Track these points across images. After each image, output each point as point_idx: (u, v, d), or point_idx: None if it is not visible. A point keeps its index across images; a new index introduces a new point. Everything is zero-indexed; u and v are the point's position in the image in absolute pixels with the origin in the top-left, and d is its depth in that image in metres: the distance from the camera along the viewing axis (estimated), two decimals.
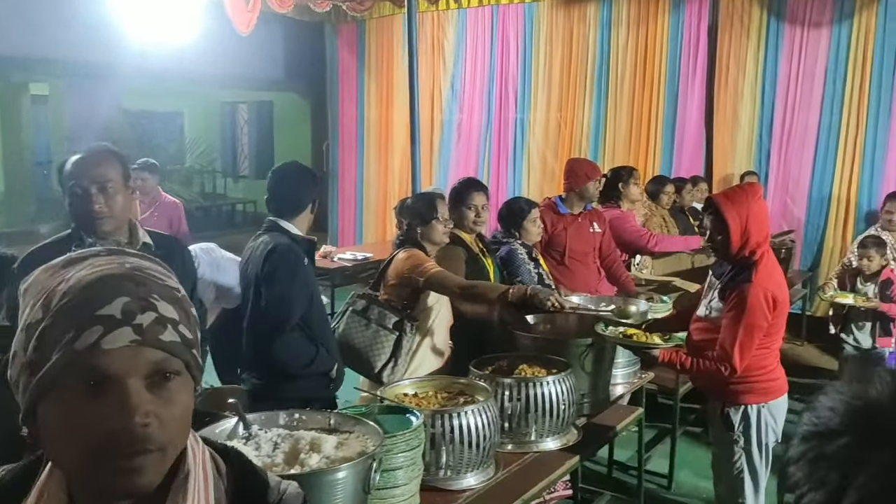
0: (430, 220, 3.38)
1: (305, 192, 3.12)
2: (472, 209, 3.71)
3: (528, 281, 3.94)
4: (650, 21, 7.79)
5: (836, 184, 7.02)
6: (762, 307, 2.89)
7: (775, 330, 3.01)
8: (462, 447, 2.54)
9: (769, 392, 3.08)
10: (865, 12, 6.76)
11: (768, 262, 2.97)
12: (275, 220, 3.04)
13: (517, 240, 4.09)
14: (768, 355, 3.04)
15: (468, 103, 9.00)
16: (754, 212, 2.92)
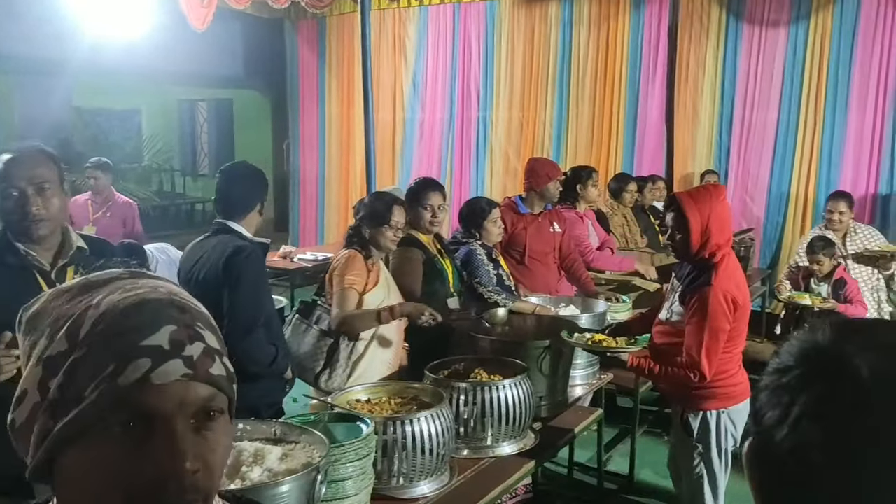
0: (381, 225, 3.30)
1: (255, 193, 3.03)
2: (428, 209, 3.64)
3: (487, 282, 3.89)
4: (611, 20, 7.79)
5: (794, 182, 7.08)
6: (723, 309, 2.84)
7: (737, 333, 2.97)
8: (415, 454, 2.47)
9: (731, 397, 3.03)
10: (822, 12, 6.83)
11: (729, 264, 2.92)
12: (223, 221, 2.92)
13: (477, 240, 4.03)
14: (730, 360, 2.99)
15: (430, 102, 8.92)
16: (717, 212, 2.87)
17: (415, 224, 3.63)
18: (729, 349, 2.95)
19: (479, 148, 8.68)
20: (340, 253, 3.37)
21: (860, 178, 6.83)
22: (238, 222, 2.96)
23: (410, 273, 3.48)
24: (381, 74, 9.14)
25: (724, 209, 2.91)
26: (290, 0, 8.18)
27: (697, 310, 2.88)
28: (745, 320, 2.97)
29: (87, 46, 7.82)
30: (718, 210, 2.87)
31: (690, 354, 2.88)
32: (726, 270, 2.88)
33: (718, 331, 2.85)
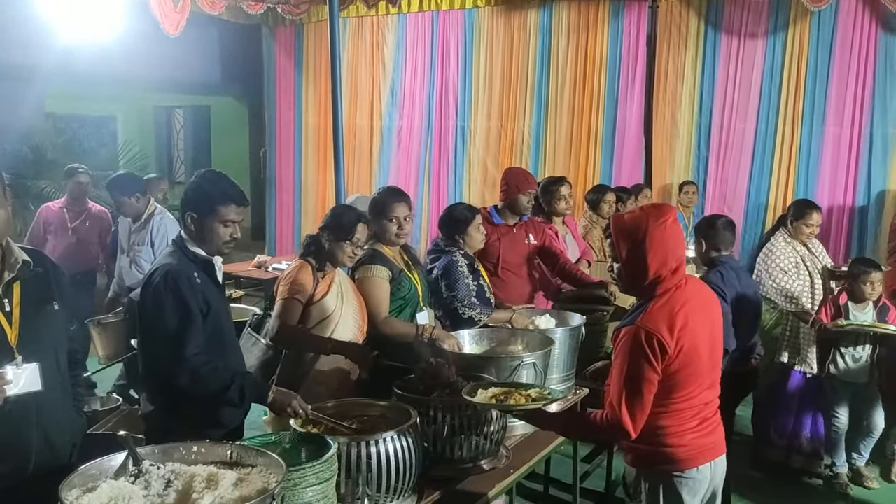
0: (342, 240, 3.18)
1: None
2: (394, 221, 3.48)
3: (464, 296, 3.78)
4: (590, 29, 7.77)
5: (772, 192, 7.08)
6: (644, 353, 2.32)
7: (682, 383, 2.39)
8: (381, 476, 2.37)
9: (676, 460, 2.45)
10: (800, 24, 6.83)
11: (674, 298, 2.40)
12: (183, 235, 2.71)
13: (459, 249, 3.92)
14: (675, 415, 2.42)
15: (408, 109, 8.85)
16: (656, 238, 2.39)
17: (380, 236, 3.49)
18: (674, 401, 2.41)
19: (458, 157, 8.62)
20: (293, 262, 3.27)
21: (837, 189, 6.84)
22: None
23: (378, 294, 3.37)
24: (359, 82, 9.07)
25: (664, 234, 2.40)
26: (267, 6, 8.08)
27: (619, 353, 2.41)
28: (697, 366, 2.40)
29: (59, 52, 7.67)
30: (657, 235, 2.39)
31: (611, 405, 2.39)
32: (662, 307, 2.37)
33: (640, 379, 2.33)
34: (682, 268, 2.47)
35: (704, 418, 2.48)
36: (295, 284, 3.12)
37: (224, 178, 2.70)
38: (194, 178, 2.71)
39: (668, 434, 2.43)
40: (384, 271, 3.38)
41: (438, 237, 4.06)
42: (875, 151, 6.65)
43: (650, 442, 2.44)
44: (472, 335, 3.49)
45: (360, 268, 3.40)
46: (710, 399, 2.51)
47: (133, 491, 1.86)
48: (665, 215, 2.43)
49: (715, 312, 2.57)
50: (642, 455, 2.52)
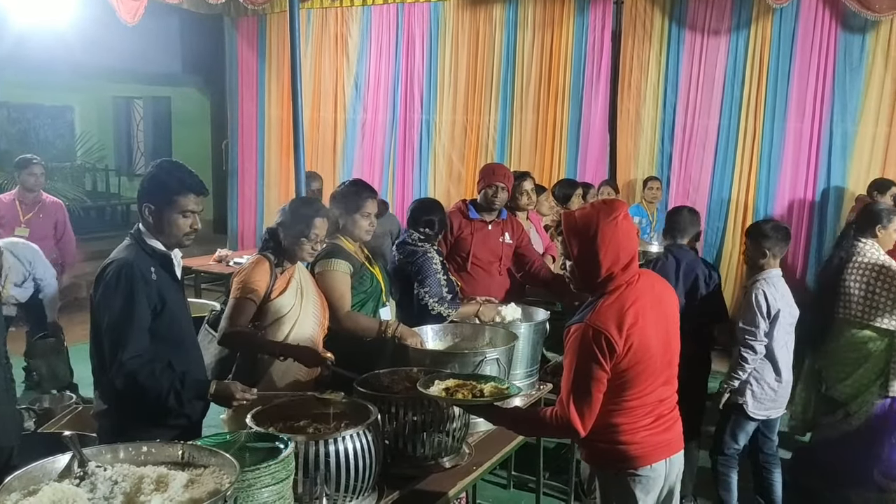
0: (299, 237, 3.07)
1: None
2: (367, 217, 3.41)
3: (436, 293, 3.74)
4: (555, 24, 7.75)
5: (734, 188, 7.13)
6: (592, 351, 2.28)
7: (636, 380, 2.35)
8: (340, 475, 2.31)
9: (628, 457, 2.42)
10: (762, 21, 6.89)
11: (624, 295, 2.36)
12: (140, 227, 2.62)
13: (433, 244, 3.88)
14: (627, 412, 2.39)
15: (373, 103, 8.76)
16: (607, 234, 2.34)
17: (348, 231, 3.41)
18: (626, 399, 2.37)
19: (423, 151, 8.56)
20: (250, 256, 3.14)
21: (798, 185, 6.92)
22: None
23: (337, 287, 3.29)
24: (323, 74, 8.96)
25: (615, 230, 2.35)
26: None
27: (568, 351, 2.38)
28: (649, 363, 2.36)
29: (12, 39, 7.44)
30: (608, 231, 2.34)
31: (561, 403, 2.36)
32: (612, 305, 2.33)
33: (589, 378, 2.30)
34: (634, 264, 2.43)
35: (660, 415, 2.45)
36: (248, 283, 2.99)
37: (181, 167, 2.62)
38: (150, 169, 2.62)
39: (621, 431, 2.40)
40: (345, 265, 3.31)
41: (407, 231, 4.00)
42: (835, 147, 6.74)
43: (603, 439, 2.41)
44: (436, 330, 3.45)
45: (320, 262, 3.31)
46: (666, 396, 2.48)
47: (77, 494, 1.78)
48: (616, 211, 2.39)
49: (670, 307, 2.53)
50: (596, 452, 2.50)
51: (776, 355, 3.77)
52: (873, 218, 4.16)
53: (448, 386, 2.64)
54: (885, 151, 6.57)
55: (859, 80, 6.59)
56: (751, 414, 3.79)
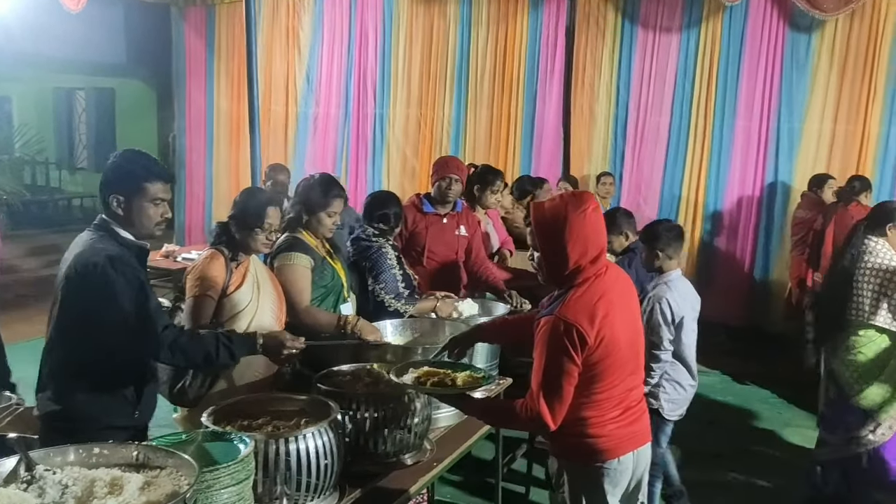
0: (252, 228, 2.97)
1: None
2: (332, 217, 3.34)
3: (392, 289, 3.70)
4: (509, 20, 7.76)
5: (685, 184, 7.24)
6: (563, 345, 2.26)
7: (605, 373, 2.34)
8: (301, 474, 2.25)
9: (596, 450, 2.42)
10: (712, 20, 7.00)
11: (591, 289, 2.34)
12: (107, 219, 2.51)
13: (388, 239, 3.83)
14: (595, 405, 2.38)
15: (325, 96, 8.65)
16: (575, 226, 2.32)
17: (311, 227, 3.34)
18: (596, 392, 2.36)
19: (376, 145, 8.48)
20: (203, 252, 3.04)
21: (746, 181, 7.05)
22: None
23: (296, 281, 3.21)
24: (274, 67, 8.80)
25: (584, 222, 2.33)
26: None
27: (538, 344, 2.34)
28: (618, 355, 2.35)
29: None
30: (576, 224, 2.33)
31: (531, 396, 2.33)
32: (582, 297, 2.32)
33: (560, 371, 2.28)
34: (603, 256, 2.42)
35: (627, 407, 2.45)
36: (205, 280, 2.89)
37: (145, 155, 2.55)
38: (113, 160, 2.53)
39: (589, 425, 2.39)
40: (305, 259, 3.23)
41: (362, 226, 3.94)
42: (782, 145, 6.89)
43: (572, 433, 2.39)
44: (395, 326, 3.40)
45: (280, 255, 3.23)
46: (634, 385, 2.48)
47: (25, 499, 1.70)
48: (585, 203, 2.36)
49: (633, 299, 2.55)
50: (564, 446, 2.49)
51: (686, 357, 3.75)
52: (885, 216, 3.95)
53: (421, 374, 2.60)
54: (830, 148, 6.74)
55: (805, 78, 6.75)
56: (667, 417, 3.76)
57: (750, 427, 5.49)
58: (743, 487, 4.55)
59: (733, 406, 5.88)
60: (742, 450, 5.08)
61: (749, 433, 5.38)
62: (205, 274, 2.90)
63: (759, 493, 4.49)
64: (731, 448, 5.07)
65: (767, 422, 5.59)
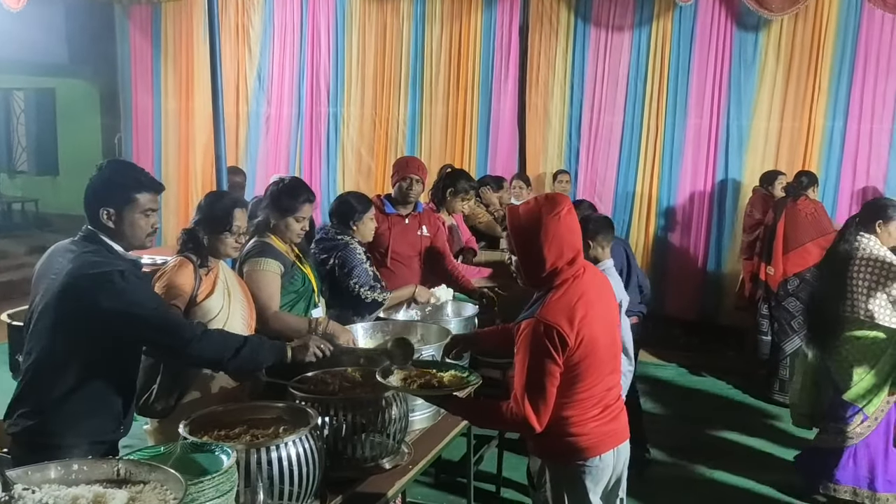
0: (220, 232, 2.92)
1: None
2: (300, 222, 3.30)
3: (365, 281, 3.71)
4: (463, 18, 7.76)
5: (639, 181, 7.35)
6: (545, 346, 2.30)
7: (586, 373, 2.38)
8: (283, 482, 2.22)
9: (577, 448, 2.45)
10: (662, 19, 7.12)
11: (570, 291, 2.37)
12: (95, 230, 2.43)
13: (353, 237, 3.83)
14: (576, 405, 2.41)
15: (277, 96, 8.53)
16: (550, 229, 2.35)
17: (279, 232, 3.30)
18: (577, 392, 2.40)
19: (330, 145, 8.40)
20: (171, 259, 2.96)
21: (698, 178, 7.20)
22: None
23: (265, 286, 3.16)
24: (224, 66, 8.59)
25: (559, 225, 2.36)
26: None
27: (520, 347, 2.38)
28: (597, 355, 2.38)
29: None
30: (551, 227, 2.35)
31: (515, 398, 2.37)
32: (561, 299, 2.35)
33: (542, 373, 2.31)
34: (579, 257, 2.45)
35: (607, 405, 2.49)
36: (172, 288, 2.81)
37: (133, 166, 2.55)
38: (99, 173, 2.47)
39: (571, 424, 2.42)
40: (275, 265, 3.18)
41: (327, 226, 3.92)
42: (731, 142, 7.05)
43: (553, 432, 2.41)
44: (366, 329, 3.38)
45: (249, 260, 3.18)
46: (612, 384, 2.52)
47: None
48: (558, 206, 2.40)
49: (611, 299, 2.58)
50: (545, 445, 2.52)
51: (625, 342, 3.84)
52: (875, 213, 3.99)
53: (407, 375, 2.60)
54: (778, 145, 6.93)
55: (753, 76, 6.92)
56: None
57: (707, 418, 5.61)
58: (704, 477, 4.64)
59: (690, 398, 6.01)
60: (701, 440, 5.19)
61: (706, 424, 5.49)
62: (172, 282, 2.82)
63: (720, 482, 4.58)
64: (691, 439, 5.17)
65: (724, 412, 5.73)
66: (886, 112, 6.59)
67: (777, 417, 5.56)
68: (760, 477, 4.60)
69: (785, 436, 5.21)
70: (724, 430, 5.38)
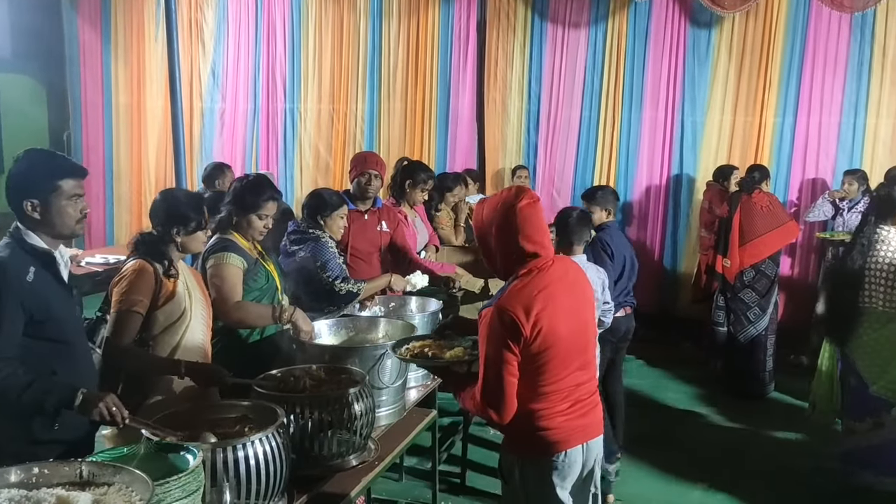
0: (195, 231, 2.85)
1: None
2: (263, 219, 3.25)
3: (339, 274, 3.73)
4: (420, 13, 7.73)
5: (596, 175, 7.41)
6: (500, 333, 2.30)
7: (548, 366, 2.36)
8: (250, 482, 2.18)
9: (547, 443, 2.43)
10: (618, 15, 7.19)
11: (536, 279, 2.37)
12: (20, 226, 2.38)
13: (324, 232, 3.82)
14: (542, 399, 2.40)
15: (232, 91, 8.39)
16: (512, 219, 2.38)
17: (242, 229, 3.24)
18: (541, 385, 2.38)
19: (287, 142, 8.30)
20: (128, 262, 2.84)
21: (654, 172, 7.29)
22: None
23: (228, 279, 3.10)
24: None
25: (521, 214, 2.37)
26: None
27: (481, 334, 2.39)
28: (560, 348, 2.37)
29: None
30: (511, 217, 2.38)
31: (477, 388, 2.39)
32: (522, 289, 2.34)
33: (499, 363, 2.31)
34: (544, 250, 2.43)
35: (577, 400, 2.47)
36: (132, 294, 2.70)
37: (51, 153, 2.46)
38: (17, 163, 2.38)
39: (538, 418, 2.41)
40: (238, 260, 3.14)
41: (298, 221, 3.90)
42: (686, 137, 7.16)
43: (520, 426, 2.41)
44: (329, 326, 3.35)
45: (213, 255, 3.13)
46: (583, 381, 2.50)
47: None
48: (519, 198, 2.40)
49: (584, 292, 2.56)
50: (514, 438, 2.52)
51: None
52: (892, 205, 3.98)
53: (417, 347, 2.72)
54: (731, 140, 7.06)
55: (706, 72, 7.04)
56: None
57: (666, 408, 5.70)
58: (661, 468, 4.70)
59: (649, 389, 6.09)
60: (661, 430, 5.27)
61: (666, 414, 5.58)
62: (133, 287, 2.72)
63: (678, 473, 4.65)
64: (651, 428, 5.24)
65: (682, 403, 5.82)
66: (834, 107, 6.76)
67: (733, 407, 5.67)
68: (714, 467, 4.69)
69: (740, 425, 5.32)
70: (681, 421, 5.47)
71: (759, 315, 5.79)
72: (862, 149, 6.76)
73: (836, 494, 4.28)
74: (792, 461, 4.79)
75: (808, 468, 4.65)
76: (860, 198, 6.31)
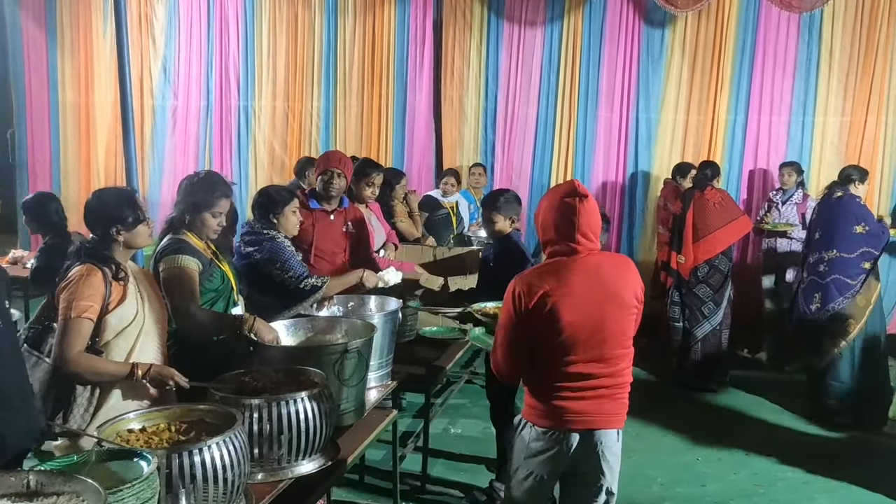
0: (135, 225, 2.75)
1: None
2: (217, 217, 3.15)
3: (302, 272, 3.68)
4: (377, 10, 7.69)
5: (553, 172, 7.47)
6: (507, 300, 2.59)
7: (547, 346, 2.55)
8: (207, 487, 2.12)
9: (534, 413, 2.67)
10: (573, 14, 7.25)
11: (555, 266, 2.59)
12: None
13: (278, 231, 3.75)
14: (549, 374, 2.59)
15: (184, 89, 8.23)
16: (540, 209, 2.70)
17: (195, 228, 3.15)
18: (540, 362, 2.59)
19: (241, 139, 8.17)
20: (73, 267, 2.70)
21: (610, 170, 7.37)
22: None
23: (185, 283, 3.01)
24: None
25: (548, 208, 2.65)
26: None
27: None
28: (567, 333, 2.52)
29: None
30: (542, 207, 2.68)
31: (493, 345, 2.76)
32: (540, 270, 2.61)
33: (506, 323, 2.61)
34: (566, 245, 2.57)
35: (581, 388, 2.58)
36: (80, 300, 2.58)
37: None
38: None
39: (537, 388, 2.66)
40: (193, 262, 3.03)
41: (251, 220, 3.81)
42: (641, 135, 7.25)
43: (529, 391, 2.70)
44: (287, 326, 3.28)
45: (166, 258, 3.02)
46: (596, 373, 2.58)
47: None
48: (556, 192, 2.67)
49: (614, 291, 2.59)
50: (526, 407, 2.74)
51: None
52: None
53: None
54: (684, 137, 7.17)
55: (660, 71, 7.14)
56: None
57: None
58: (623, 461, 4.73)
59: None
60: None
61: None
62: (81, 293, 2.60)
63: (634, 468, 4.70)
64: None
65: (643, 397, 5.85)
66: (784, 105, 6.92)
67: (691, 402, 5.74)
68: (673, 461, 4.74)
69: (696, 420, 5.39)
70: (637, 416, 5.52)
71: (713, 310, 5.89)
72: (811, 146, 6.94)
73: None
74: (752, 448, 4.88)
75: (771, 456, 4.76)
76: (794, 190, 6.48)
